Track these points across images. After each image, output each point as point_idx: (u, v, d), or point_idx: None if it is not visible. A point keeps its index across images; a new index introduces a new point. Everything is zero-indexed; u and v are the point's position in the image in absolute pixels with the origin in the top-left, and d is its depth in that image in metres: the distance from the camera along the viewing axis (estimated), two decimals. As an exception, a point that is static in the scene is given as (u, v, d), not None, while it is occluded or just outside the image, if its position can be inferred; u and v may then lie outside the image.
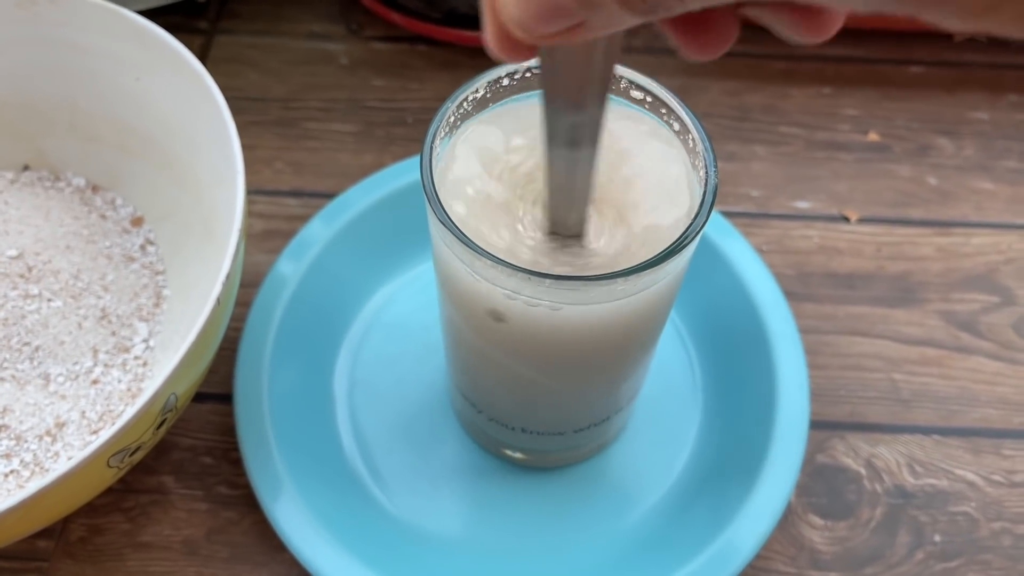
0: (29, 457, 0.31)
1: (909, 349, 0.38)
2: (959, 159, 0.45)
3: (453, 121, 0.25)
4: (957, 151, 0.45)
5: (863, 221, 0.42)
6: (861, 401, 0.37)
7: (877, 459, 0.36)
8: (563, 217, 0.23)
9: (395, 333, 0.38)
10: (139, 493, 0.34)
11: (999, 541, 0.34)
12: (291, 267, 0.37)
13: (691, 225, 0.22)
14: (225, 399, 0.36)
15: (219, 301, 0.27)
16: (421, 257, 0.39)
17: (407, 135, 0.45)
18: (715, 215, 0.38)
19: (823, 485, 0.35)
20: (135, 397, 0.33)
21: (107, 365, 0.34)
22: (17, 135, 0.38)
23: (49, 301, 0.34)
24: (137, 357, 0.34)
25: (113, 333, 0.34)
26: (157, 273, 0.37)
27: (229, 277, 0.28)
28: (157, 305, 0.36)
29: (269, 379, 0.34)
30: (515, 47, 0.17)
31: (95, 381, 0.33)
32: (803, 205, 0.43)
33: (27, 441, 0.31)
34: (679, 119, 0.25)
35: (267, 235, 0.41)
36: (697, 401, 0.36)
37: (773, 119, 0.46)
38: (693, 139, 0.24)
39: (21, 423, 0.32)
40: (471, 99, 0.25)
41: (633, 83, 0.25)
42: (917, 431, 0.36)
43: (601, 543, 0.33)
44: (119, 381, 0.33)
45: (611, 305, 0.23)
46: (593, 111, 0.20)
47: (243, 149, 0.31)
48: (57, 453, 0.32)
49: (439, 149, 0.25)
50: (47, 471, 0.31)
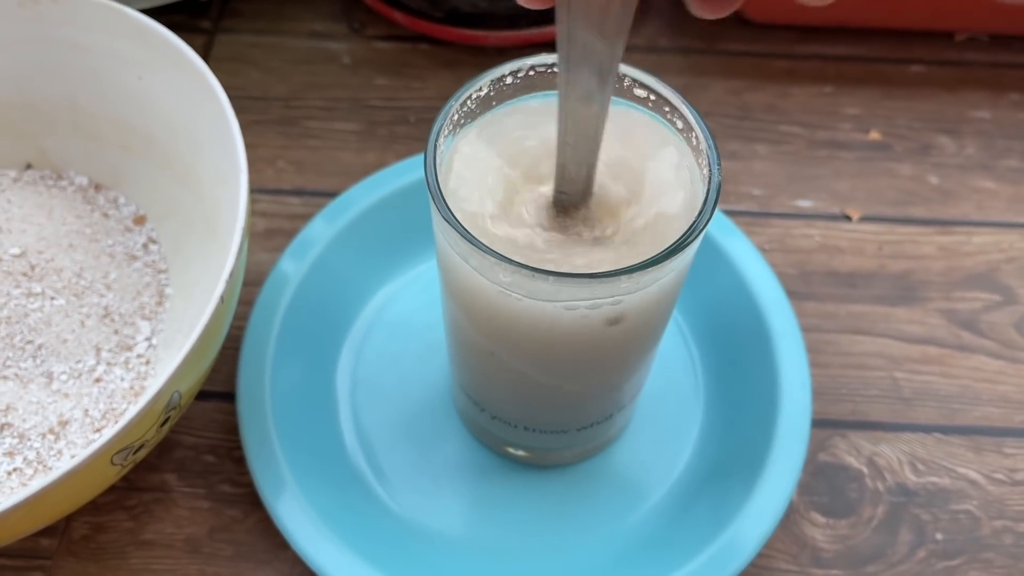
0: (32, 455, 0.31)
1: (911, 348, 0.38)
2: (961, 158, 0.45)
3: (457, 119, 0.25)
4: (959, 150, 0.45)
5: (865, 220, 0.42)
6: (863, 399, 0.37)
7: (879, 457, 0.36)
8: (572, 173, 0.23)
9: (398, 332, 0.38)
10: (142, 491, 0.34)
11: (1001, 539, 0.34)
12: (293, 266, 0.37)
13: (695, 222, 0.22)
14: (228, 397, 0.36)
15: (222, 299, 0.28)
16: (424, 256, 0.39)
17: (409, 134, 0.45)
18: (717, 214, 0.38)
19: (825, 483, 0.35)
20: (138, 395, 0.33)
21: (110, 363, 0.34)
22: (19, 134, 0.38)
23: (52, 299, 0.34)
24: (140, 355, 0.34)
25: (116, 331, 0.34)
26: (160, 272, 0.37)
27: (232, 275, 0.28)
28: (160, 304, 0.36)
29: (272, 377, 0.34)
30: None
31: (98, 379, 0.33)
32: (805, 204, 0.43)
33: (30, 439, 0.31)
34: (682, 117, 0.25)
35: (269, 234, 0.41)
36: (699, 399, 0.36)
37: (774, 118, 0.46)
38: (696, 137, 0.24)
39: (24, 421, 0.32)
40: (475, 97, 0.25)
41: (636, 81, 0.25)
42: (919, 429, 0.36)
43: (603, 541, 0.33)
44: (122, 379, 0.33)
45: (614, 302, 0.23)
46: (611, 44, 0.20)
47: (245, 148, 0.31)
48: (60, 451, 0.32)
49: (443, 147, 0.25)
50: (50, 469, 0.31)
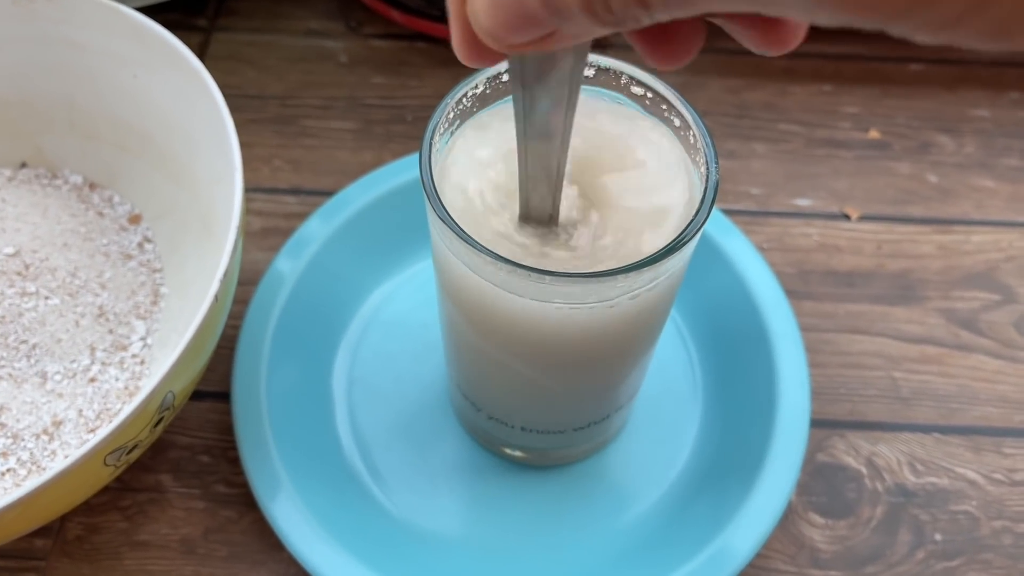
0: (26, 456, 0.31)
1: (909, 347, 0.38)
2: (960, 157, 0.44)
3: (452, 117, 0.25)
4: (958, 149, 0.45)
5: (863, 219, 0.42)
6: (861, 399, 0.37)
7: (877, 457, 0.35)
8: (536, 203, 0.23)
9: (394, 331, 0.38)
10: (136, 492, 0.34)
11: (1000, 540, 0.34)
12: (289, 265, 0.36)
13: (692, 221, 0.22)
14: (223, 397, 0.36)
15: (217, 298, 0.27)
16: (420, 255, 0.39)
17: (406, 133, 0.45)
18: (716, 213, 0.38)
19: (823, 484, 0.35)
20: (133, 395, 0.33)
21: (104, 363, 0.33)
22: (15, 132, 0.38)
23: (46, 299, 0.34)
24: (135, 355, 0.34)
25: (110, 331, 0.34)
26: (155, 271, 0.36)
27: (227, 274, 0.28)
28: (155, 303, 0.36)
29: (267, 377, 0.34)
30: (483, 53, 0.17)
31: (92, 379, 0.33)
32: (803, 203, 0.43)
33: (24, 439, 0.31)
34: (680, 115, 0.24)
35: (265, 233, 0.41)
36: (697, 399, 0.36)
37: (773, 117, 0.46)
38: (694, 135, 0.24)
39: (18, 421, 0.31)
40: (470, 95, 0.25)
41: (633, 79, 0.25)
42: (917, 429, 0.36)
43: (601, 541, 0.33)
44: (116, 379, 0.33)
45: (611, 302, 0.23)
46: (560, 108, 0.20)
47: (241, 147, 0.31)
48: (54, 452, 0.31)
49: (438, 145, 0.25)
50: (44, 470, 0.31)
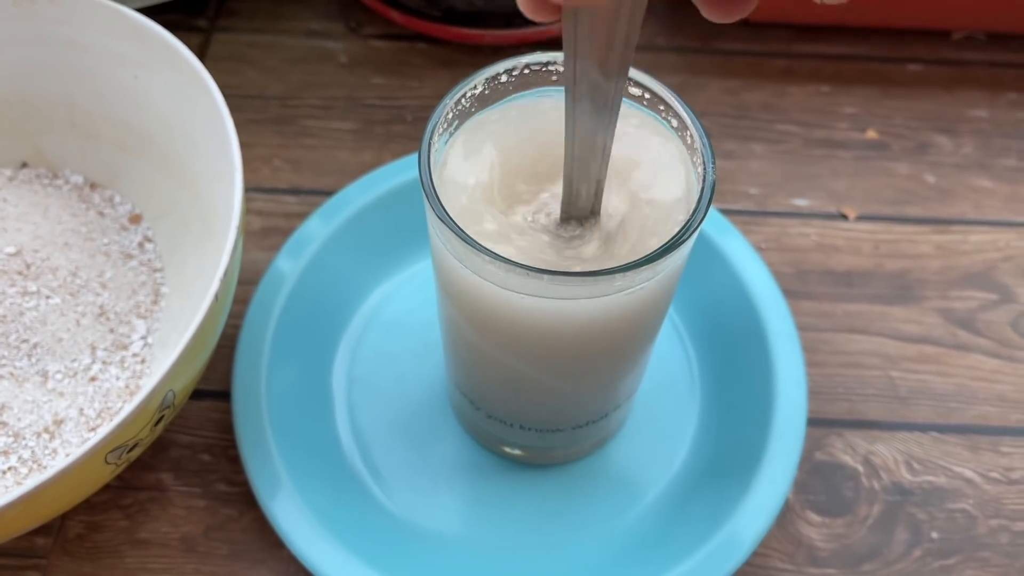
0: (27, 454, 0.31)
1: (907, 346, 0.38)
2: (958, 157, 0.45)
3: (451, 117, 0.25)
4: (956, 149, 0.45)
5: (861, 219, 0.42)
6: (859, 398, 0.37)
7: (875, 456, 0.36)
8: (579, 191, 0.23)
9: (394, 331, 0.38)
10: (137, 490, 0.34)
11: (997, 538, 0.34)
12: (289, 264, 0.37)
13: (689, 220, 0.22)
14: (224, 396, 0.36)
15: (217, 297, 0.27)
16: (420, 254, 0.39)
17: (406, 133, 0.45)
18: (714, 213, 0.38)
19: (821, 482, 0.35)
20: (133, 394, 0.33)
21: (105, 362, 0.34)
22: (15, 133, 0.38)
23: (47, 298, 0.34)
24: (135, 354, 0.34)
25: (111, 330, 0.34)
26: (155, 270, 0.37)
27: (227, 273, 0.28)
28: (155, 302, 0.36)
29: (267, 376, 0.34)
30: (543, 5, 0.17)
31: (93, 378, 0.33)
32: (801, 203, 0.43)
33: (25, 438, 0.31)
34: (677, 115, 0.25)
35: (265, 233, 0.41)
36: (695, 398, 0.36)
37: (771, 117, 0.46)
38: (691, 135, 0.24)
39: (19, 420, 0.32)
40: (469, 95, 0.25)
41: (631, 79, 0.25)
42: (915, 428, 0.36)
43: (600, 539, 0.33)
44: (117, 378, 0.33)
45: (609, 300, 0.23)
46: (616, 75, 0.20)
47: (242, 147, 0.31)
48: (55, 450, 0.32)
49: (438, 145, 0.25)
50: (45, 468, 0.31)
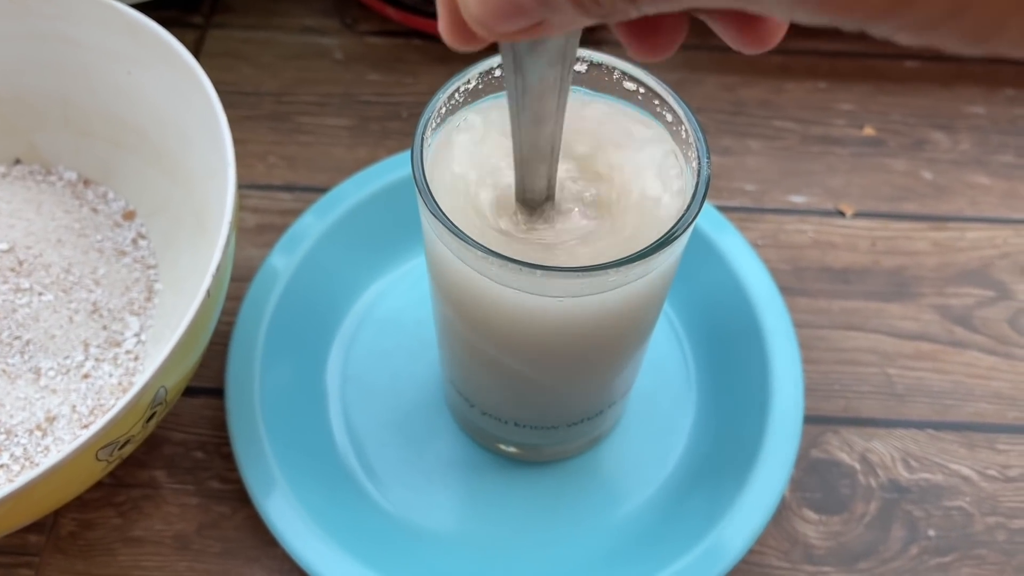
0: (19, 451, 0.31)
1: (904, 343, 0.38)
2: (955, 153, 0.44)
3: (444, 112, 0.25)
4: (953, 145, 0.45)
5: (858, 215, 0.42)
6: (855, 396, 0.37)
7: (871, 454, 0.36)
8: (531, 184, 0.23)
9: (388, 328, 0.38)
10: (130, 488, 0.34)
11: (993, 536, 0.34)
12: (283, 261, 0.36)
13: (683, 215, 0.22)
14: (217, 394, 0.36)
15: (209, 294, 0.27)
16: (415, 252, 0.39)
17: (401, 129, 0.45)
18: (710, 209, 0.38)
19: (817, 480, 0.35)
20: (126, 391, 0.33)
21: (98, 359, 0.33)
22: (9, 129, 0.38)
23: (40, 295, 0.34)
24: (128, 351, 0.34)
25: (104, 327, 0.34)
26: (149, 267, 0.36)
27: (219, 270, 0.28)
28: (149, 299, 0.36)
29: (261, 374, 0.34)
30: (471, 38, 0.17)
31: (86, 375, 0.33)
32: (798, 199, 0.43)
33: (17, 435, 0.31)
34: (672, 110, 0.24)
35: (260, 229, 0.41)
36: (691, 395, 0.36)
37: (768, 113, 0.46)
38: (686, 130, 0.24)
39: (11, 417, 0.31)
40: (463, 90, 0.25)
41: (626, 74, 0.25)
42: (911, 426, 0.36)
43: (595, 537, 0.33)
44: (110, 375, 0.33)
45: (603, 296, 0.23)
46: (554, 90, 0.20)
47: (236, 143, 0.31)
48: (47, 447, 0.31)
49: (431, 140, 0.25)
50: (37, 465, 0.31)
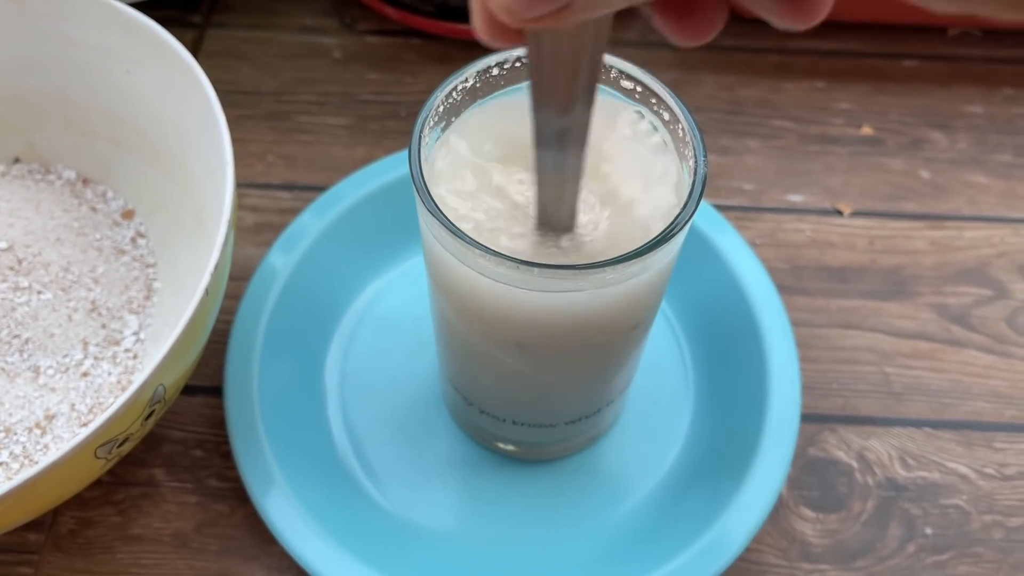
0: (18, 449, 0.31)
1: (901, 342, 0.38)
2: (953, 153, 0.45)
3: (443, 111, 0.25)
4: (951, 145, 0.45)
5: (856, 215, 0.42)
6: (853, 394, 0.37)
7: (869, 452, 0.36)
8: (553, 213, 0.23)
9: (387, 326, 0.38)
10: (129, 486, 0.34)
11: (990, 534, 0.34)
12: (282, 260, 0.37)
13: (680, 213, 0.22)
14: (216, 392, 0.36)
15: (207, 292, 0.27)
16: (413, 250, 0.39)
17: (400, 128, 0.45)
18: (708, 208, 0.38)
19: (814, 478, 0.35)
20: (125, 390, 0.33)
21: (97, 358, 0.34)
22: (9, 128, 0.38)
23: (39, 293, 0.34)
24: (127, 350, 0.34)
25: (103, 326, 0.34)
26: (148, 266, 0.36)
27: (218, 268, 0.28)
28: (148, 298, 0.36)
29: (260, 372, 0.34)
30: (502, 31, 0.17)
31: (85, 374, 0.33)
32: (796, 199, 0.43)
33: (16, 433, 0.31)
34: (668, 108, 0.25)
35: (259, 228, 0.41)
36: (689, 394, 0.36)
37: (766, 113, 0.46)
38: (683, 128, 0.24)
39: (11, 415, 0.31)
40: (460, 88, 0.25)
41: (623, 73, 0.25)
42: (909, 424, 0.36)
43: (593, 535, 0.33)
44: (109, 374, 0.33)
45: (600, 294, 0.23)
46: (580, 112, 0.20)
47: (235, 143, 0.31)
48: (47, 446, 0.31)
49: (428, 139, 0.25)
50: (36, 463, 0.31)
